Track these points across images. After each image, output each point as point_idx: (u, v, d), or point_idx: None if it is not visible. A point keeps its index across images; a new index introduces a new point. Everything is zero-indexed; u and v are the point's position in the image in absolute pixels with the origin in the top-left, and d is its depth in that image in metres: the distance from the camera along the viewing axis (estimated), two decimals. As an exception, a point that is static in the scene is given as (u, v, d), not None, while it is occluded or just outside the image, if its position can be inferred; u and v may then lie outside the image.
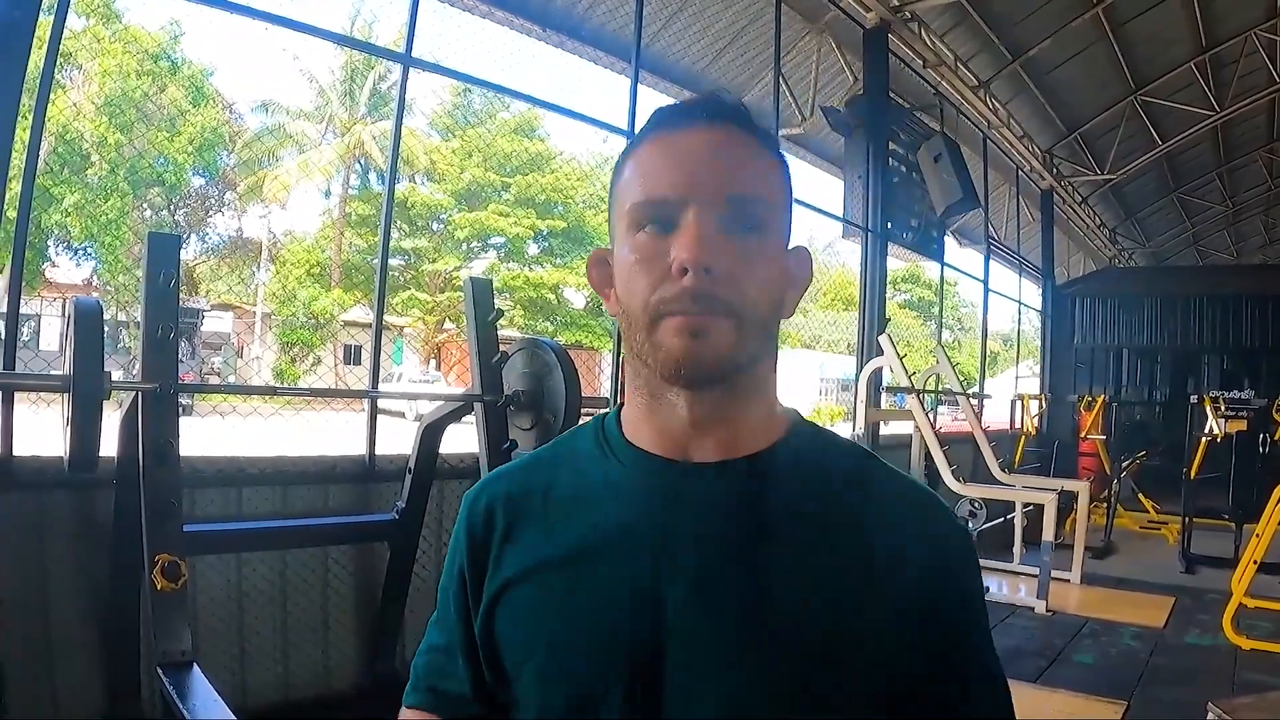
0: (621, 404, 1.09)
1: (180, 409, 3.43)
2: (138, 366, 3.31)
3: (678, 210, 0.93)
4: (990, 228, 14.31)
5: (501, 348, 4.45)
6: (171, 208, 28.91)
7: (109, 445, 3.37)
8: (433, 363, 32.58)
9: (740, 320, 0.94)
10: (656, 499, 0.99)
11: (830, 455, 1.07)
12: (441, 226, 32.48)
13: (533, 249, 33.98)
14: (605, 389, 6.88)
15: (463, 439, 4.80)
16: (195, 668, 2.98)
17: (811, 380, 44.43)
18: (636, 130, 1.07)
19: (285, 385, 24.30)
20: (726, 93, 1.00)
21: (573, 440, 1.12)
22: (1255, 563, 6.75)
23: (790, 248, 1.03)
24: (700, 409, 0.98)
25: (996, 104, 12.61)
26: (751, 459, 1.01)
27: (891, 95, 10.06)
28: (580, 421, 4.23)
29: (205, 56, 32.31)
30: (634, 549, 0.98)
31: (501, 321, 4.49)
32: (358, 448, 4.98)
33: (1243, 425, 10.68)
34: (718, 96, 0.99)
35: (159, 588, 3.01)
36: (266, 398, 11.59)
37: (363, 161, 31.39)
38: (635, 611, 0.96)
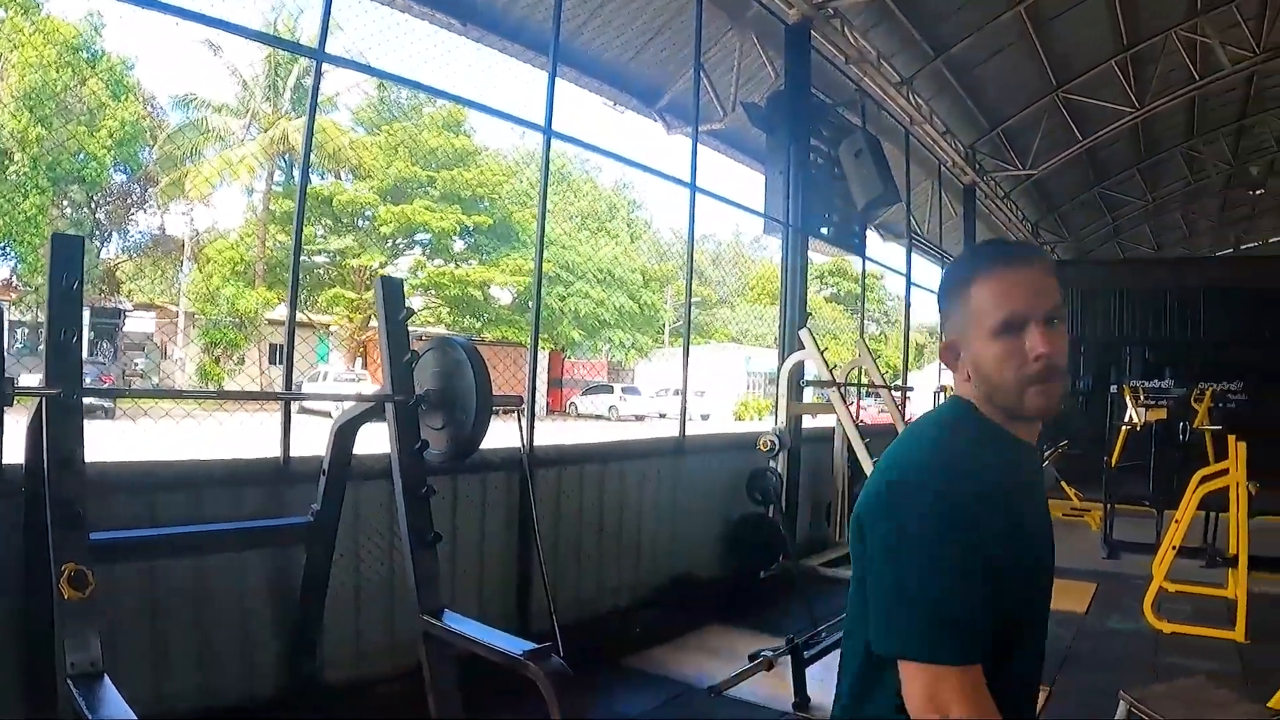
0: (968, 402, 1.72)
1: (105, 413, 3.38)
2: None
3: (1025, 321, 1.60)
4: (913, 222, 14.54)
5: (414, 346, 4.41)
6: (92, 205, 28.30)
7: (18, 453, 3.32)
8: (359, 360, 32.26)
9: (1062, 378, 1.65)
10: (1034, 468, 1.80)
11: None
12: (367, 223, 32.06)
13: (459, 245, 33.83)
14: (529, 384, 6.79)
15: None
16: (105, 679, 2.92)
17: (739, 374, 44.77)
18: (553, 124, 1.17)
19: (198, 389, 23.98)
20: (1036, 243, 1.56)
21: (969, 431, 1.68)
22: (1174, 548, 6.99)
23: None
24: (1035, 425, 1.74)
25: (919, 100, 12.81)
26: None
27: (813, 91, 10.15)
28: (493, 420, 4.19)
29: (126, 48, 31.69)
30: (1037, 505, 1.76)
31: (429, 319, 4.41)
32: (274, 449, 4.93)
33: (1163, 414, 10.97)
34: (1033, 247, 1.77)
35: (67, 597, 2.96)
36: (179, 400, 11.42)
37: (287, 157, 30.78)
38: (1046, 551, 1.76)
